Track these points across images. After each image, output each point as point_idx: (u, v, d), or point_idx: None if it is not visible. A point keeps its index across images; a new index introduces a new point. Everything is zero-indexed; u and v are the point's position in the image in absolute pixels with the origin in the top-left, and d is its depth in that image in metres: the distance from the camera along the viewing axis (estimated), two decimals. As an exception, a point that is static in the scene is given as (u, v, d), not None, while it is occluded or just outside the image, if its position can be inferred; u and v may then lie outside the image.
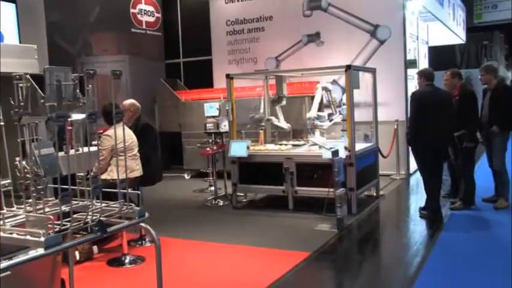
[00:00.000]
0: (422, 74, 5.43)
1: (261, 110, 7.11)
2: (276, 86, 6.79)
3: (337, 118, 6.08)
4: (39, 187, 2.24)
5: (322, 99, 6.52)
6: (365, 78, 6.52)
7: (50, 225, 2.13)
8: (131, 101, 5.30)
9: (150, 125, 5.23)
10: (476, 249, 4.40)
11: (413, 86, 8.08)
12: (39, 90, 2.41)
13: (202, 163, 8.19)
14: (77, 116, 2.31)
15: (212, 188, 7.36)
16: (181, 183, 8.60)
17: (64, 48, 8.67)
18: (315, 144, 5.49)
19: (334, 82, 8.02)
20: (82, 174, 2.34)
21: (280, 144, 6.44)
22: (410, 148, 5.49)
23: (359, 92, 6.03)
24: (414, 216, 5.52)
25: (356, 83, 5.72)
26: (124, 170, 2.73)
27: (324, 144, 5.21)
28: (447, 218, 5.36)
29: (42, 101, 2.17)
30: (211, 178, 7.38)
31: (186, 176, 8.98)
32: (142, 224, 2.56)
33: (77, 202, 2.40)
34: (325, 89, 6.24)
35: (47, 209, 2.35)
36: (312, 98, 7.54)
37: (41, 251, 2.04)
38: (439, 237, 4.75)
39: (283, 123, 6.84)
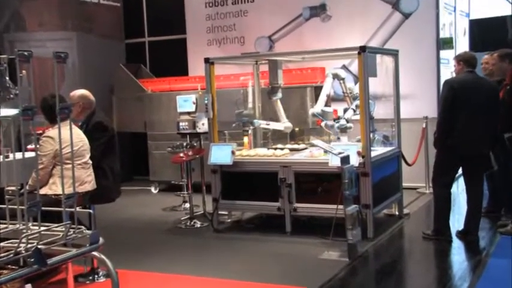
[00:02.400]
0: (461, 59, 5.47)
1: (249, 105, 7.11)
2: (269, 74, 6.80)
3: (350, 114, 6.09)
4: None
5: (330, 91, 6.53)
6: (384, 63, 6.55)
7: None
8: (81, 92, 5.27)
9: (105, 124, 5.21)
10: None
11: (448, 73, 8.15)
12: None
13: (174, 173, 8.17)
14: (6, 112, 2.28)
15: (187, 205, 7.33)
16: (147, 199, 8.57)
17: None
18: (319, 147, 5.50)
19: (344, 68, 8.05)
20: (13, 188, 2.31)
21: (275, 149, 6.45)
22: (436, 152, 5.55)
23: (376, 81, 6.05)
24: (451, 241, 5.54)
25: (372, 69, 5.74)
26: (71, 182, 2.70)
27: (330, 149, 5.21)
28: (496, 244, 5.40)
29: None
30: (185, 192, 7.36)
31: (153, 189, 8.96)
32: (94, 253, 2.53)
33: (5, 225, 2.37)
34: (336, 76, 6.23)
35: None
36: (316, 88, 7.58)
37: None
38: (485, 268, 4.77)
39: (276, 124, 6.82)
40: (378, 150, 6.10)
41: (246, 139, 6.65)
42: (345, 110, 6.19)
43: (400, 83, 6.51)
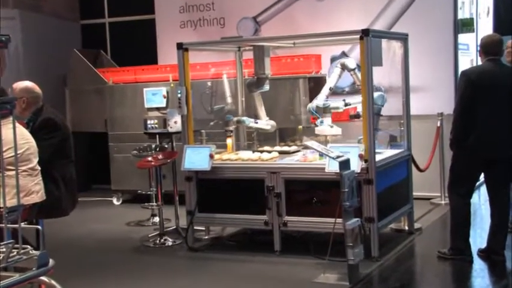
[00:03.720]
0: (481, 45, 5.50)
1: (228, 100, 7.12)
2: (254, 62, 6.82)
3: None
4: None
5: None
6: (391, 49, 6.58)
7: None
8: (24, 84, 5.24)
9: (57, 121, 5.18)
10: None
11: (467, 61, 8.20)
12: None
13: (140, 181, 8.15)
14: None
15: (156, 219, 7.31)
16: (108, 212, 8.55)
17: None
18: (313, 149, 5.51)
19: (344, 55, 8.08)
20: None
21: (261, 152, 6.45)
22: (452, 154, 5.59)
23: (381, 70, 6.08)
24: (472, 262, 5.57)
25: (377, 56, 5.77)
26: (14, 192, 2.69)
27: (327, 151, 5.23)
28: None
29: None
30: (154, 204, 7.33)
31: (115, 200, 8.94)
32: (43, 278, 2.52)
33: None
34: (344, 67, 6.24)
35: None
36: (310, 79, 7.61)
37: None
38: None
39: (263, 122, 6.85)
40: (383, 153, 6.13)
41: (229, 141, 6.65)
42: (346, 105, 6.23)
43: (410, 73, 6.56)
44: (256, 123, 6.82)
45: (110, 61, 9.97)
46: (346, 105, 6.17)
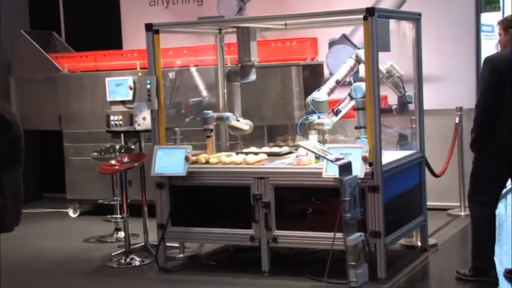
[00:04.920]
0: (507, 25, 5.54)
1: (204, 93, 7.13)
2: (237, 47, 6.83)
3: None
4: None
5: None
6: (401, 31, 6.62)
7: None
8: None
9: (7, 119, 5.13)
10: None
11: (492, 45, 8.22)
12: None
13: (101, 189, 8.17)
14: None
15: (121, 235, 7.32)
16: (63, 226, 8.54)
17: None
18: (308, 151, 5.54)
19: (344, 38, 8.12)
20: None
21: (246, 154, 6.48)
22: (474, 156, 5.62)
23: (389, 57, 6.12)
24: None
25: (384, 40, 5.80)
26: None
27: (324, 153, 5.26)
28: None
29: None
30: (118, 216, 7.33)
31: (71, 212, 8.95)
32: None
33: None
34: (360, 60, 6.23)
35: None
36: (304, 68, 7.62)
37: None
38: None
39: (240, 122, 6.84)
40: (391, 155, 6.18)
41: (209, 142, 6.66)
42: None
43: (423, 61, 6.61)
44: (238, 120, 6.83)
45: (64, 45, 9.96)
46: (336, 114, 6.19)
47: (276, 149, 6.75)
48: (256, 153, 6.44)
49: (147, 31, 6.35)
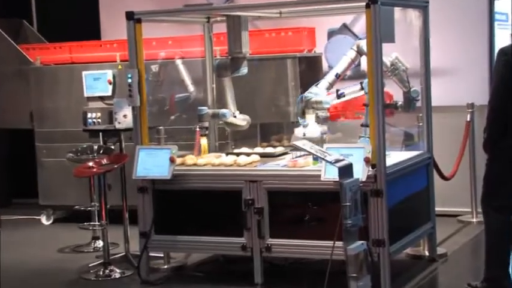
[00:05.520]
0: None
1: (190, 88, 7.13)
2: (228, 38, 6.85)
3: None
4: None
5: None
6: (407, 20, 6.64)
7: None
8: None
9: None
10: None
11: (507, 35, 8.21)
12: None
13: (78, 193, 8.17)
14: None
15: (99, 244, 7.31)
16: (36, 234, 8.52)
17: None
18: (305, 151, 5.56)
19: (345, 28, 8.13)
20: None
21: (237, 154, 6.49)
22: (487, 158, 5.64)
23: (394, 48, 6.14)
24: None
25: (388, 30, 5.81)
26: None
27: (322, 154, 5.27)
28: None
29: None
30: (96, 223, 7.32)
31: (44, 219, 8.95)
32: None
33: None
34: (361, 51, 6.26)
35: None
36: (301, 60, 7.63)
37: None
38: None
39: (237, 117, 6.86)
40: (396, 156, 6.21)
41: (204, 141, 6.67)
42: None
43: (431, 53, 6.64)
44: (235, 116, 6.85)
45: (37, 35, 9.95)
46: (339, 97, 6.22)
47: (269, 150, 6.77)
48: (248, 154, 6.45)
49: (128, 20, 6.35)
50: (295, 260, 6.31)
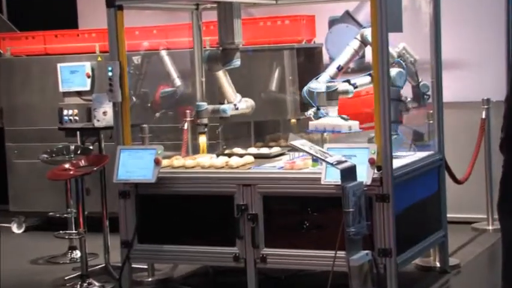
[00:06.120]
0: None
1: (177, 82, 7.12)
2: (218, 27, 6.85)
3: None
4: None
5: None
6: (416, 7, 6.66)
7: None
8: None
9: None
10: None
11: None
12: None
13: (52, 199, 8.17)
14: None
15: (76, 254, 7.31)
16: (6, 243, 8.43)
17: None
18: (303, 152, 5.56)
19: (347, 16, 8.12)
20: None
21: (229, 155, 6.50)
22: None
23: (401, 38, 6.14)
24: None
25: (396, 18, 5.83)
26: None
27: (322, 154, 5.28)
28: None
29: None
30: (73, 232, 7.31)
31: (15, 227, 8.95)
32: None
33: None
34: (366, 41, 6.28)
35: None
36: (299, 51, 7.64)
37: None
38: None
39: (242, 105, 6.85)
40: (404, 158, 6.23)
41: (203, 140, 6.65)
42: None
43: (442, 43, 6.65)
44: (237, 109, 6.85)
45: (7, 23, 9.92)
46: (354, 88, 6.24)
47: (264, 150, 6.78)
48: (241, 155, 6.46)
49: (109, 7, 6.34)
50: (292, 271, 6.32)
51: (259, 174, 6.08)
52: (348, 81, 6.23)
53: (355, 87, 6.25)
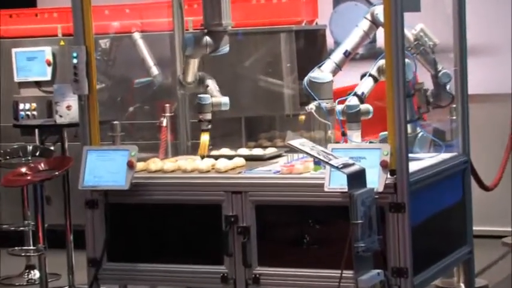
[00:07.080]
0: None
1: (154, 71, 7.12)
2: (203, 5, 6.84)
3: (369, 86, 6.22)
4: None
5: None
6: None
7: None
8: None
9: None
10: None
11: None
12: None
13: (6, 209, 8.20)
14: None
15: (35, 275, 7.31)
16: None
17: None
18: (303, 153, 5.55)
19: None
20: None
21: (216, 158, 6.49)
22: None
23: (419, 19, 6.15)
24: None
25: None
26: None
27: (326, 157, 5.27)
28: None
29: None
30: (32, 248, 7.31)
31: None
32: None
33: None
34: (377, 21, 6.29)
35: None
36: (298, 34, 7.64)
37: None
38: None
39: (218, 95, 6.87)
40: (423, 160, 6.23)
41: (205, 138, 6.64)
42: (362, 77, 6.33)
43: (467, 26, 6.66)
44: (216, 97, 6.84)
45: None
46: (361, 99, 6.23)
47: (258, 151, 6.79)
48: (230, 157, 6.47)
49: (73, -17, 6.37)
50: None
51: (252, 180, 6.08)
52: (356, 94, 6.19)
53: (365, 97, 6.23)
